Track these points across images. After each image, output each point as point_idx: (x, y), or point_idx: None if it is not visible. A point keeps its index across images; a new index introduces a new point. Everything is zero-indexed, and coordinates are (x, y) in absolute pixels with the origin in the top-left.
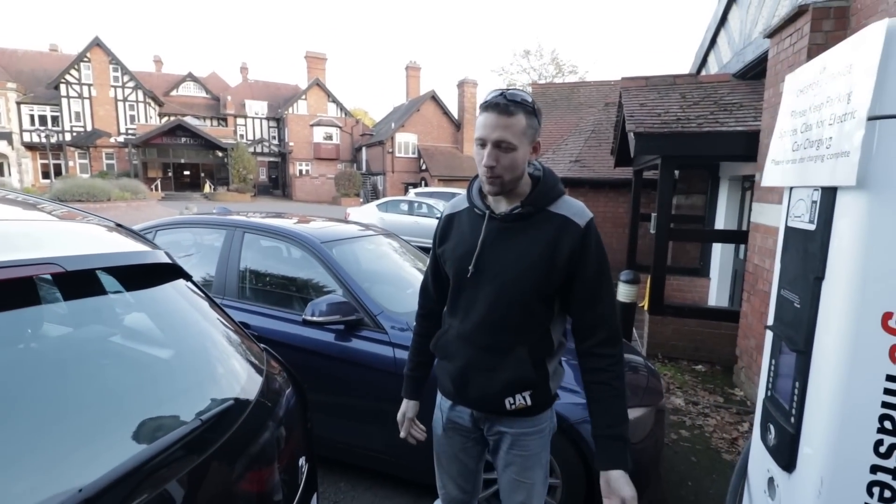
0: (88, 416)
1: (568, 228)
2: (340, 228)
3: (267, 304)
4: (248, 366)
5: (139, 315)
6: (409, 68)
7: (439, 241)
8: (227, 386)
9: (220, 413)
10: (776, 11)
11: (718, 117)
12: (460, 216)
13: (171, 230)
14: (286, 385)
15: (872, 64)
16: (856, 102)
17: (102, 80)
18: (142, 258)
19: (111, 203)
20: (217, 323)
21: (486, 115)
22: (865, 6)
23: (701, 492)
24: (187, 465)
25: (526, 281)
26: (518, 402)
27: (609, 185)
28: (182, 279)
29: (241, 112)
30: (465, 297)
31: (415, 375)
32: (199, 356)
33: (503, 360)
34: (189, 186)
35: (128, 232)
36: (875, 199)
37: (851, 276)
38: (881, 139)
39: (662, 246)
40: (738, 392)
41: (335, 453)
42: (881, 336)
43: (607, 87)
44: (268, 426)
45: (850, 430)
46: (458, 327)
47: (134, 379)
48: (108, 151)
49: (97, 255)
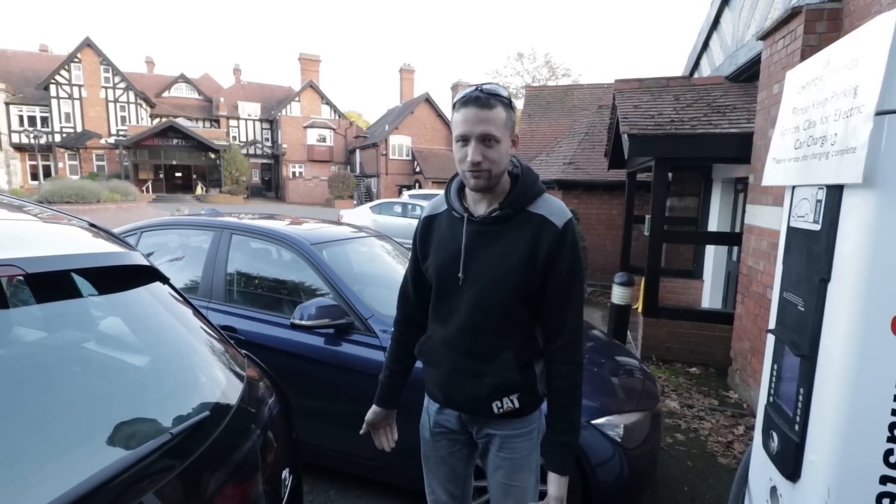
0: (57, 428)
1: (545, 229)
2: (331, 230)
3: (255, 308)
4: (228, 372)
5: (114, 320)
6: (402, 70)
7: (420, 244)
8: (206, 394)
9: (197, 423)
10: (768, 14)
11: (711, 119)
12: (440, 218)
13: (157, 232)
14: (269, 392)
15: (881, 57)
16: (863, 97)
17: (93, 81)
18: (114, 260)
19: (101, 205)
20: (196, 328)
21: (465, 111)
22: (859, 8)
23: (697, 497)
24: (161, 479)
25: (507, 285)
26: (506, 405)
27: (603, 188)
28: (159, 282)
29: (233, 114)
30: (447, 301)
31: (388, 383)
32: (176, 363)
33: (489, 364)
34: (181, 188)
35: (102, 233)
36: (883, 197)
37: (859, 278)
38: (890, 135)
39: (656, 248)
40: (732, 394)
41: (324, 460)
42: (891, 340)
43: (601, 90)
44: (248, 436)
45: (859, 438)
46: (442, 333)
47: (107, 387)
48: (98, 153)
49: (63, 257)
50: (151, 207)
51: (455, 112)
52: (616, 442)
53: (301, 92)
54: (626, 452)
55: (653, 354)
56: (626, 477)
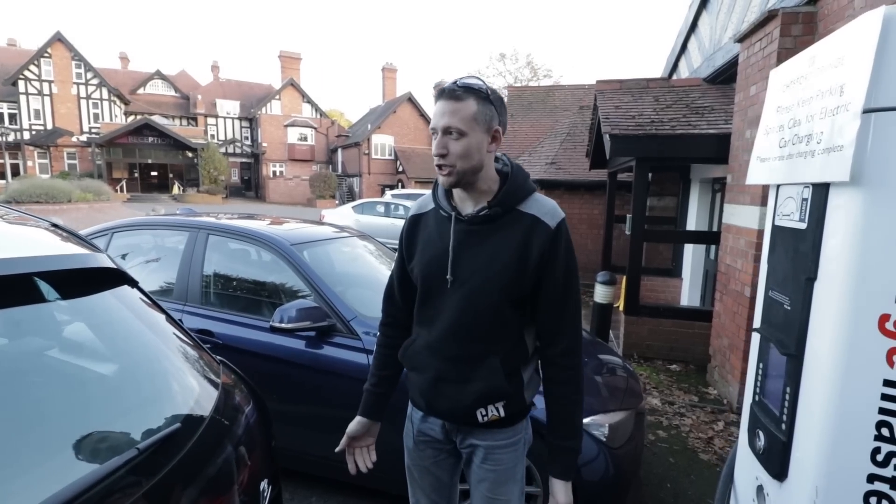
0: (11, 443)
1: (538, 229)
2: (312, 230)
3: (233, 311)
4: (202, 380)
5: (79, 326)
6: (385, 70)
7: (406, 243)
8: (177, 404)
9: (167, 436)
10: (745, 17)
11: (691, 120)
12: (427, 217)
13: (129, 232)
14: (245, 400)
15: (867, 55)
16: (849, 95)
17: (64, 77)
18: (78, 262)
19: (72, 204)
20: (167, 333)
21: (438, 104)
22: (832, 12)
23: (680, 493)
24: (130, 495)
25: (495, 287)
26: (490, 413)
27: (584, 187)
28: (127, 285)
29: (211, 111)
30: (433, 304)
31: (375, 391)
32: (145, 371)
33: (475, 370)
34: (157, 188)
35: (66, 234)
36: (870, 195)
37: (846, 277)
38: (877, 132)
39: (638, 247)
40: (711, 391)
41: (306, 466)
42: (878, 339)
43: (582, 91)
44: (224, 447)
45: (847, 437)
46: (426, 337)
47: (69, 398)
48: (69, 151)
49: (24, 259)
50: (126, 207)
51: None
52: (601, 441)
53: (282, 90)
54: (611, 452)
55: (634, 352)
56: (611, 476)
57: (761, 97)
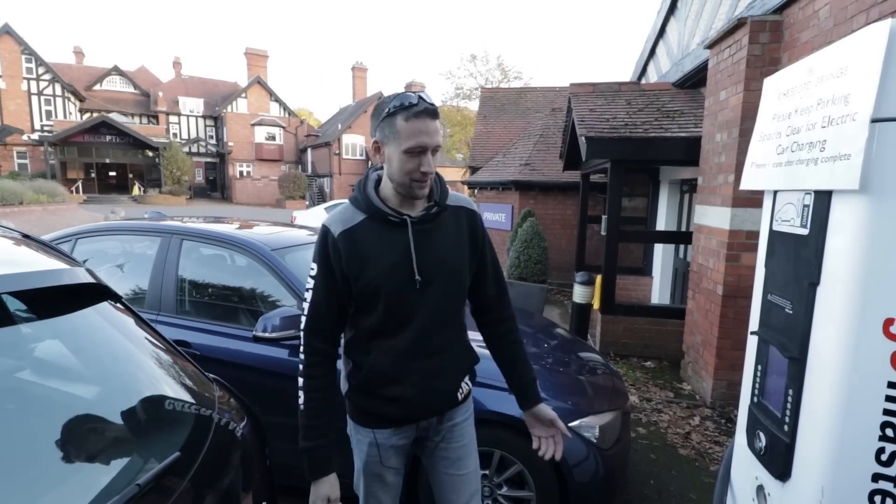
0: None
1: (470, 216)
2: (291, 234)
3: (210, 320)
4: (196, 402)
5: (54, 344)
6: (355, 69)
7: (346, 262)
8: (174, 429)
9: (168, 466)
10: (713, 25)
11: (662, 123)
12: (360, 230)
13: (94, 238)
14: (240, 418)
15: (875, 65)
16: (856, 104)
17: (13, 72)
18: (55, 279)
19: (24, 207)
20: (155, 352)
21: (421, 122)
22: (798, 21)
23: (663, 489)
24: None
25: (462, 273)
26: (464, 388)
27: (558, 189)
28: (108, 300)
29: (174, 109)
30: (401, 310)
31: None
32: (132, 394)
33: (453, 355)
34: (115, 188)
35: (38, 245)
36: (876, 203)
37: (850, 281)
38: (881, 141)
39: (613, 247)
40: (686, 386)
41: (294, 480)
42: (882, 343)
43: (553, 93)
44: (222, 475)
45: (852, 438)
46: (396, 345)
47: (47, 426)
48: (20, 150)
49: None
50: (82, 209)
51: (405, 122)
52: (591, 443)
53: (248, 88)
54: (601, 453)
55: (610, 350)
56: (601, 477)
57: (731, 102)
